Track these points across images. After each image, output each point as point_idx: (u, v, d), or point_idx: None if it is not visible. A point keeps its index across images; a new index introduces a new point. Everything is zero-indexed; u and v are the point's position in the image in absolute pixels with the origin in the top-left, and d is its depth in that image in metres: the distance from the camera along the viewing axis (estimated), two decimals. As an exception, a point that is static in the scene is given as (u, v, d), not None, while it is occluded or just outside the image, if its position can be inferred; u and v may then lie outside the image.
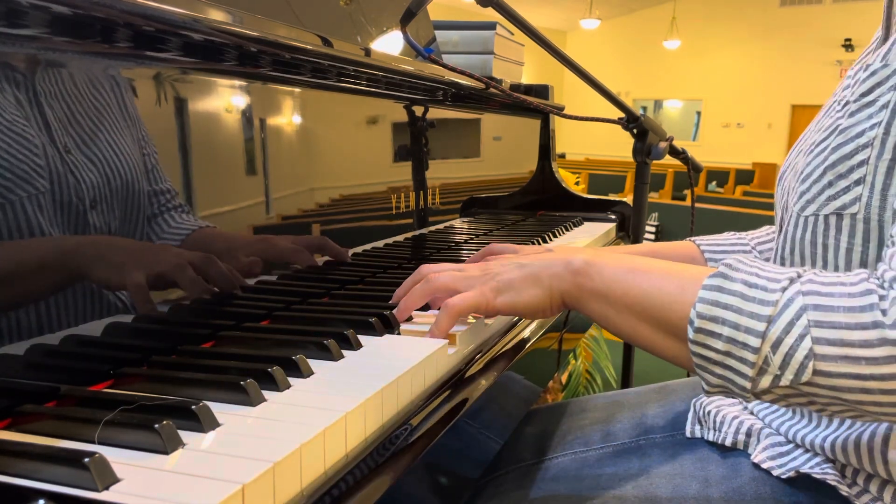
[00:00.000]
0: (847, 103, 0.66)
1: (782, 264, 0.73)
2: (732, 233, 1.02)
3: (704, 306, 0.57)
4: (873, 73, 0.64)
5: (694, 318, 0.58)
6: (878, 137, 0.62)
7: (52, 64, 0.54)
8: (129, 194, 0.60)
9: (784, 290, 0.55)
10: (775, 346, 0.54)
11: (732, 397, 0.61)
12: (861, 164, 0.63)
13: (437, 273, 0.73)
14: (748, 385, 0.57)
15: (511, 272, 0.70)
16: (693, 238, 1.01)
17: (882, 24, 0.74)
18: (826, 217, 0.65)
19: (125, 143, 0.60)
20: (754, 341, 0.55)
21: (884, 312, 0.52)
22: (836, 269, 0.65)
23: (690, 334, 0.58)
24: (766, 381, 0.56)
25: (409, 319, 0.76)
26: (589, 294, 0.67)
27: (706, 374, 0.59)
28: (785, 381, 0.55)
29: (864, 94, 0.64)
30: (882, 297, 0.53)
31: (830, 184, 0.65)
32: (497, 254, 0.92)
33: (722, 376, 0.58)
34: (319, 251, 0.88)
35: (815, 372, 0.53)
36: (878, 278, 0.55)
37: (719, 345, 0.57)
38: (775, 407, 0.77)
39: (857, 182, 0.63)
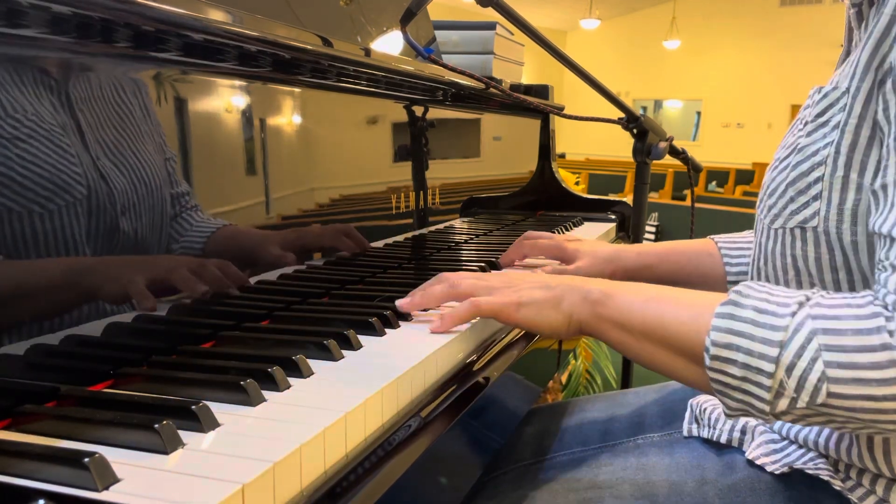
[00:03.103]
0: (806, 123, 0.70)
1: (757, 273, 0.76)
2: (751, 231, 1.02)
3: (718, 334, 0.59)
4: (826, 95, 0.68)
5: (709, 346, 0.59)
6: (830, 156, 0.66)
7: (80, 69, 0.54)
8: (155, 198, 0.61)
9: (794, 314, 0.57)
10: (789, 370, 0.56)
11: (754, 418, 0.64)
12: (817, 180, 0.67)
13: (459, 279, 0.75)
14: (767, 408, 0.58)
15: (535, 291, 0.73)
16: (713, 236, 1.03)
17: (845, 37, 0.76)
18: (791, 230, 0.69)
19: (149, 148, 0.61)
20: (768, 366, 0.57)
21: (891, 334, 0.53)
22: (809, 275, 0.68)
23: (707, 362, 0.60)
24: (783, 404, 0.57)
25: (409, 319, 0.76)
26: (607, 323, 0.70)
27: (726, 398, 0.61)
28: (801, 403, 0.56)
29: (818, 115, 0.68)
30: (889, 319, 0.54)
31: (792, 199, 0.68)
32: (534, 238, 1.02)
33: (741, 400, 0.60)
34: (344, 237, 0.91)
35: (830, 394, 0.55)
36: (881, 301, 0.56)
37: (735, 371, 0.59)
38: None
39: (815, 198, 0.66)
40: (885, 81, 0.61)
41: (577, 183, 2.97)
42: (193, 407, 0.47)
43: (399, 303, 0.76)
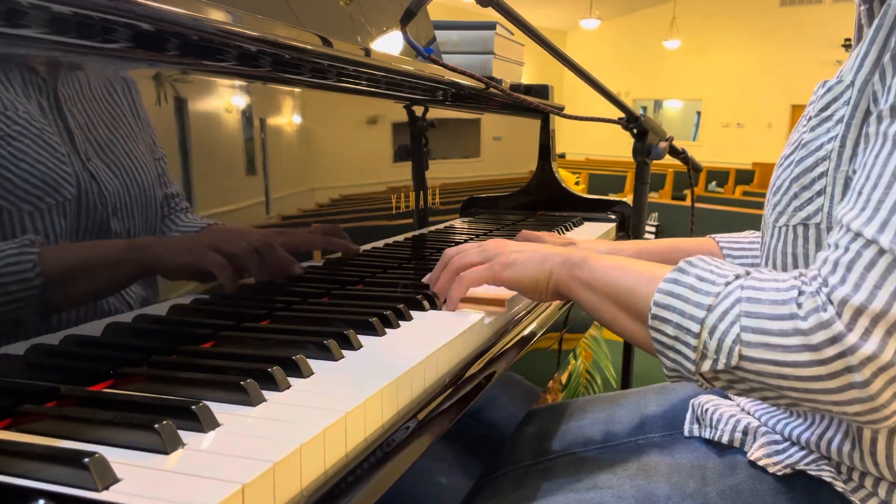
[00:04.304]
0: (809, 118, 0.70)
1: None
2: (752, 231, 1.02)
3: (660, 296, 0.65)
4: (829, 89, 0.68)
5: (652, 306, 0.65)
6: (835, 150, 0.66)
7: (69, 68, 0.54)
8: (147, 199, 0.61)
9: (727, 283, 0.62)
10: (711, 331, 0.61)
11: (690, 381, 0.67)
12: (821, 175, 0.67)
13: (458, 256, 0.84)
14: (693, 368, 0.63)
15: (522, 253, 0.81)
16: (714, 235, 1.02)
17: (854, 35, 0.75)
18: (794, 227, 0.69)
19: (140, 148, 0.61)
20: (695, 327, 0.62)
21: (799, 305, 0.57)
22: None
23: (649, 320, 0.66)
24: (706, 365, 0.62)
25: (409, 318, 0.76)
26: (580, 284, 0.76)
27: (663, 357, 0.66)
28: (721, 366, 0.61)
29: (822, 110, 0.68)
30: (801, 293, 0.58)
31: (796, 195, 0.69)
32: (529, 239, 1.04)
33: (674, 360, 0.65)
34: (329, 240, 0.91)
35: (742, 357, 0.59)
36: (805, 276, 0.60)
37: (669, 330, 0.64)
38: (771, 406, 0.78)
39: (819, 193, 0.67)
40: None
41: (577, 183, 2.97)
42: (193, 407, 0.47)
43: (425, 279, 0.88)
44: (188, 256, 0.66)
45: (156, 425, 0.44)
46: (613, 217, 1.74)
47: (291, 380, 0.56)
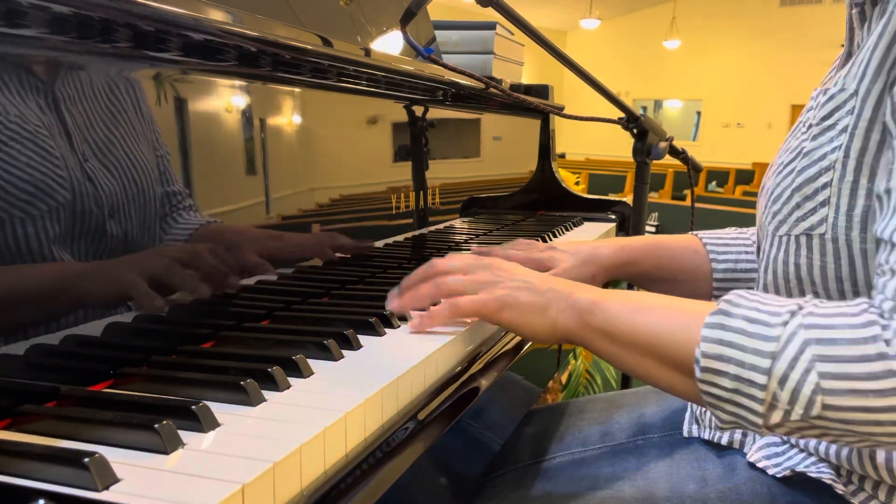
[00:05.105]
0: (810, 126, 0.68)
1: (765, 286, 0.74)
2: (734, 228, 1.02)
3: (709, 345, 0.57)
4: (832, 98, 0.66)
5: (699, 358, 0.58)
6: (839, 160, 0.64)
7: (68, 68, 0.54)
8: (146, 199, 0.61)
9: (785, 323, 0.55)
10: (782, 382, 0.54)
11: (749, 431, 0.62)
12: (825, 186, 0.65)
13: (446, 274, 0.74)
14: (760, 421, 0.56)
15: (522, 292, 0.71)
16: (696, 232, 1.01)
17: (846, 37, 0.75)
18: (797, 237, 0.67)
19: (141, 148, 0.61)
20: (761, 378, 0.55)
21: (887, 343, 0.51)
22: (813, 284, 0.67)
23: (698, 374, 0.58)
24: (777, 417, 0.55)
25: (408, 318, 0.76)
26: (597, 334, 0.67)
27: (718, 411, 0.59)
28: (796, 416, 0.54)
29: (824, 118, 0.66)
30: (885, 328, 0.52)
31: (798, 205, 0.67)
32: (517, 248, 0.93)
33: (733, 413, 0.58)
34: (332, 246, 0.88)
35: (825, 406, 0.53)
36: (877, 308, 0.54)
37: (727, 383, 0.57)
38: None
39: (823, 204, 0.65)
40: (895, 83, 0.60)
41: (577, 183, 2.97)
42: (193, 407, 0.47)
43: (388, 305, 0.76)
44: (111, 287, 0.59)
45: (156, 425, 0.44)
46: (613, 217, 1.74)
47: (291, 380, 0.57)
